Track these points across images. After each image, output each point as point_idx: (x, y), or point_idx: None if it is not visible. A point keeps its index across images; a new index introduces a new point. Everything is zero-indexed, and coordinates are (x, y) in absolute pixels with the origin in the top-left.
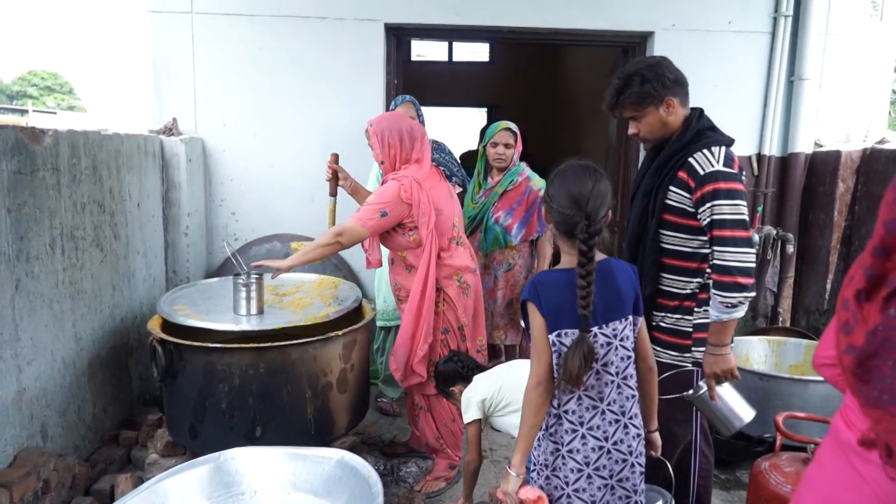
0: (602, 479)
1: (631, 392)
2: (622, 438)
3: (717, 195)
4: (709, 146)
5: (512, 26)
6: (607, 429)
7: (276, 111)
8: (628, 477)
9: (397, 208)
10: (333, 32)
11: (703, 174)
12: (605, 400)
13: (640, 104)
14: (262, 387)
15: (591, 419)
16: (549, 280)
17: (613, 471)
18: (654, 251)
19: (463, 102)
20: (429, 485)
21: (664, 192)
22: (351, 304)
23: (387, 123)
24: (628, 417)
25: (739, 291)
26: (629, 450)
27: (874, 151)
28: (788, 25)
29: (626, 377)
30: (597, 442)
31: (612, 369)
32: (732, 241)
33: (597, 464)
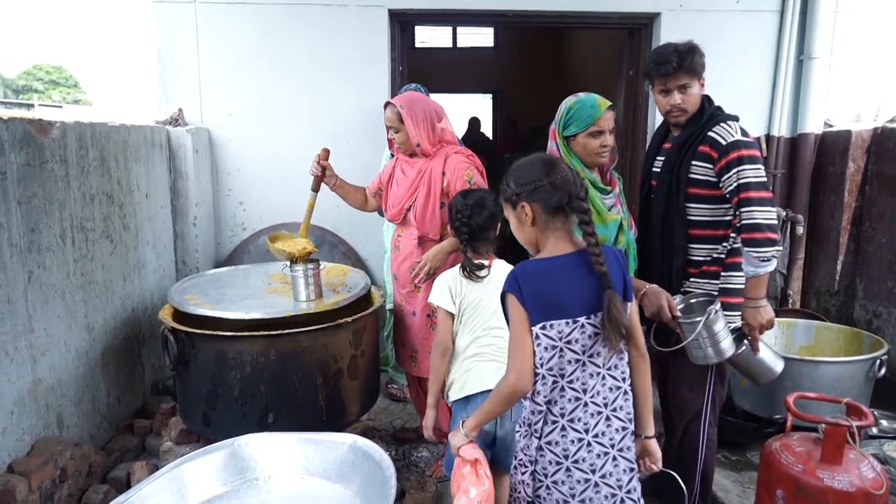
0: (582, 473)
1: (615, 384)
2: (604, 431)
3: (742, 161)
4: (724, 121)
5: (517, 9)
6: (588, 421)
7: (282, 100)
8: (611, 472)
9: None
10: (337, 19)
11: (726, 144)
12: (589, 392)
13: (694, 74)
14: (274, 374)
15: (572, 411)
16: (534, 269)
17: (595, 465)
18: (682, 224)
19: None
20: (440, 469)
21: (687, 168)
22: (360, 291)
23: (420, 105)
24: (611, 409)
25: (771, 245)
26: (611, 443)
27: (885, 130)
28: (798, 3)
29: (612, 367)
30: (576, 434)
31: (598, 360)
32: (759, 202)
33: (576, 456)
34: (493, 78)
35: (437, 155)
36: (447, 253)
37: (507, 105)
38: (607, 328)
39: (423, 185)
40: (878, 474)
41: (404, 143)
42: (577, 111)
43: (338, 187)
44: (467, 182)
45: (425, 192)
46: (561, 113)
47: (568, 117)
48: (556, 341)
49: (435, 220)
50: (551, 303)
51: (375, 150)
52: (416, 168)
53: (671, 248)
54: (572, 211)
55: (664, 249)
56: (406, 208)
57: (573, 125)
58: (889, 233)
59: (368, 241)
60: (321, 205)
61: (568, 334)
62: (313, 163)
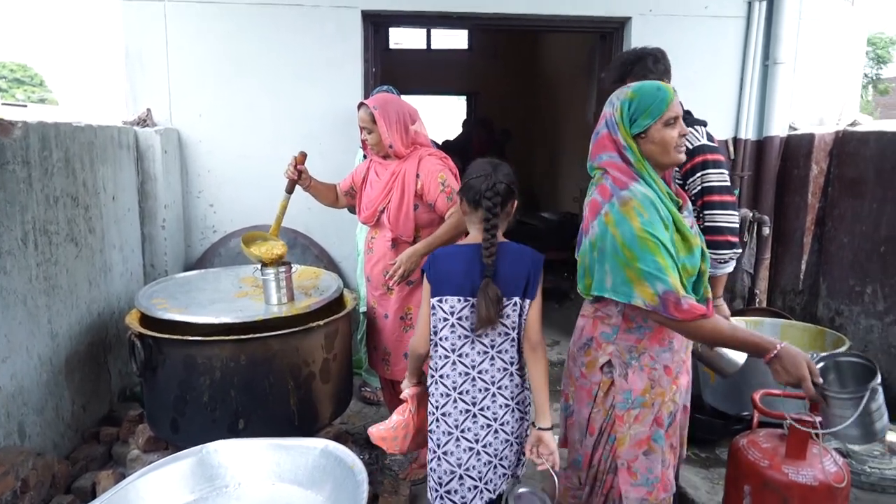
0: (468, 443)
1: (503, 366)
2: (489, 406)
3: (706, 165)
4: (692, 125)
5: (491, 12)
6: (476, 395)
7: (253, 101)
8: (491, 442)
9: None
10: (310, 20)
11: (692, 148)
12: (477, 368)
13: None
14: (244, 379)
15: (462, 384)
16: (445, 252)
17: (479, 435)
18: None
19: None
20: (414, 472)
21: None
22: (332, 294)
23: (393, 107)
24: (497, 387)
25: (730, 248)
26: (494, 416)
27: (846, 134)
28: (763, 10)
29: (501, 351)
30: (465, 405)
31: (486, 341)
32: (721, 205)
33: (463, 426)
34: (467, 80)
35: (410, 157)
36: (421, 255)
37: (481, 107)
38: (478, 310)
39: (397, 187)
40: (840, 468)
41: (377, 144)
42: (643, 99)
43: (311, 188)
44: (441, 184)
45: (399, 194)
46: (620, 111)
47: (633, 111)
48: (449, 315)
49: (409, 222)
50: (448, 281)
51: (348, 151)
52: (389, 170)
53: None
54: (483, 199)
55: None
56: (380, 210)
57: (643, 116)
58: (850, 233)
59: (342, 243)
60: (294, 207)
61: (459, 310)
62: (289, 166)
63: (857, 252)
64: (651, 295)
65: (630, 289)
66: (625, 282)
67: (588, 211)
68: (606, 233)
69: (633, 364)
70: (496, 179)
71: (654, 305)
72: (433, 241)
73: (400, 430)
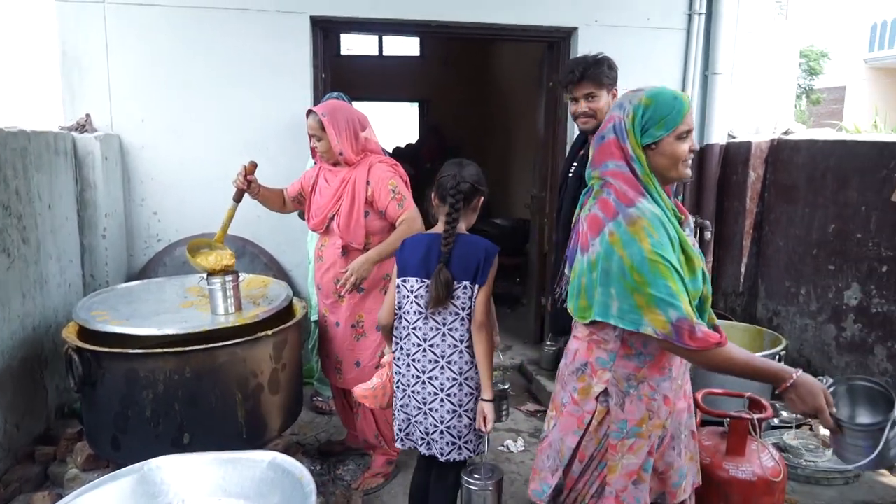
0: (416, 403)
1: (453, 343)
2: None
3: None
4: None
5: (440, 20)
6: (426, 365)
7: (199, 106)
8: (437, 409)
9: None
10: (257, 25)
11: None
12: (429, 342)
13: (602, 84)
14: (189, 392)
15: (414, 353)
16: (411, 240)
17: (426, 400)
18: None
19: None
20: (367, 482)
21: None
22: (281, 303)
23: (343, 114)
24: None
25: None
26: (441, 387)
27: (780, 142)
28: (702, 23)
29: (452, 329)
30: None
31: (438, 318)
32: None
33: (413, 388)
34: (419, 87)
35: (360, 164)
36: (373, 262)
37: (433, 114)
38: (431, 291)
39: (347, 194)
40: (777, 462)
41: (327, 151)
42: (658, 107)
43: (259, 196)
44: (391, 191)
45: (349, 201)
46: (631, 116)
47: (647, 119)
48: (409, 294)
49: (359, 229)
50: (411, 264)
51: (298, 158)
52: (339, 177)
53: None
54: (448, 195)
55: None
56: (329, 217)
57: (656, 127)
58: (785, 237)
59: (292, 251)
60: (242, 215)
61: (416, 290)
62: (239, 175)
63: (792, 255)
64: (663, 323)
65: (639, 316)
66: (633, 308)
67: (587, 226)
68: (613, 254)
69: (630, 393)
70: (461, 179)
71: (666, 334)
72: (385, 249)
73: (379, 390)
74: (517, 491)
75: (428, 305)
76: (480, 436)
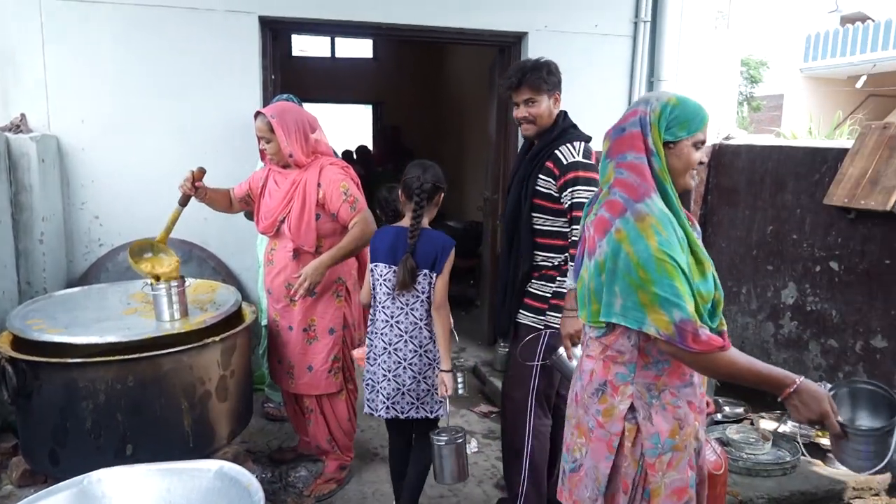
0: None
1: (415, 321)
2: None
3: (577, 182)
4: (571, 141)
5: (392, 23)
6: (392, 338)
7: (143, 107)
8: (400, 375)
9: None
10: (204, 24)
11: (566, 164)
12: (395, 318)
13: (540, 89)
14: (132, 401)
15: (383, 328)
16: (382, 231)
17: (391, 367)
18: (528, 232)
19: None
20: (319, 488)
21: (535, 180)
22: (230, 308)
23: (292, 115)
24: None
25: None
26: (404, 357)
27: (722, 147)
28: (648, 30)
29: (414, 308)
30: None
31: (403, 300)
32: None
33: (381, 358)
34: (372, 89)
35: (311, 166)
36: (327, 267)
37: (386, 117)
38: (397, 276)
39: (298, 197)
40: (719, 456)
41: (276, 154)
42: (685, 109)
43: (206, 199)
44: (343, 194)
45: (300, 204)
46: (658, 111)
47: (672, 117)
48: (379, 277)
49: (310, 233)
50: (381, 251)
51: (247, 160)
52: (289, 179)
53: (518, 254)
54: (413, 194)
55: (512, 254)
56: (280, 220)
57: (679, 127)
58: (727, 238)
59: (241, 254)
60: (189, 218)
61: (385, 274)
62: (186, 181)
63: (734, 255)
64: (666, 323)
65: (642, 314)
66: (636, 306)
67: (594, 229)
68: (620, 250)
69: (654, 403)
70: (424, 180)
71: (669, 335)
72: (338, 253)
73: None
74: (470, 493)
75: (394, 288)
76: (440, 401)
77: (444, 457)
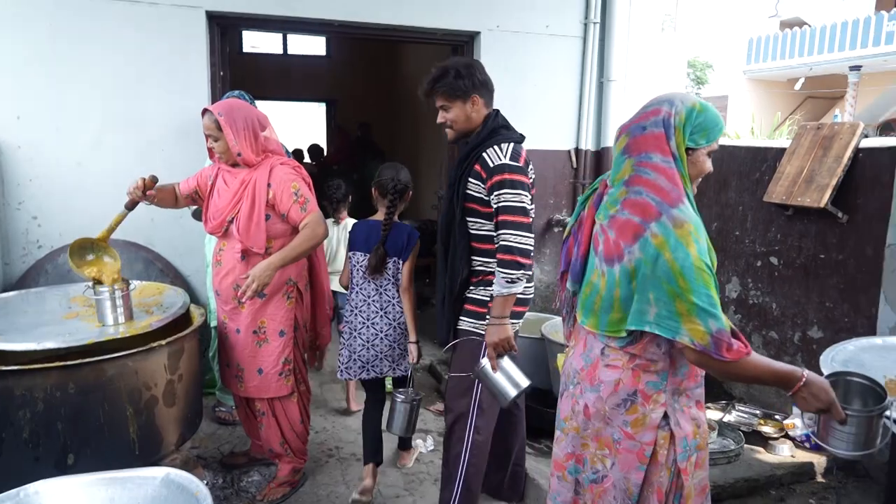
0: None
1: (388, 300)
2: (376, 322)
3: (503, 185)
4: (499, 143)
5: (343, 20)
6: (370, 314)
7: (84, 103)
8: (377, 344)
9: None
10: (148, 18)
11: (493, 166)
12: (371, 298)
13: (450, 95)
14: (74, 409)
15: (361, 305)
16: (359, 224)
17: (369, 338)
18: (463, 236)
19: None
20: (272, 492)
21: (465, 183)
22: (177, 311)
23: (241, 113)
24: (384, 312)
25: (517, 269)
26: (380, 328)
27: None
28: (597, 31)
29: (387, 289)
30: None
31: (376, 282)
32: (513, 225)
33: (360, 331)
34: (325, 87)
35: (261, 165)
36: (276, 268)
37: (341, 115)
38: (370, 262)
39: (248, 197)
40: None
41: (225, 152)
42: (708, 117)
43: (154, 202)
44: (294, 194)
45: (249, 204)
46: (683, 115)
47: (697, 123)
48: (356, 263)
49: (260, 233)
50: (358, 241)
51: (194, 159)
52: (238, 178)
53: (454, 258)
54: (388, 193)
55: (448, 259)
56: (228, 221)
57: (701, 134)
58: None
59: (190, 255)
60: (135, 219)
61: (361, 261)
62: (136, 188)
63: None
64: (702, 333)
65: (678, 324)
66: (673, 315)
67: (617, 233)
68: (658, 257)
69: (676, 407)
70: (398, 181)
71: (704, 345)
72: (287, 255)
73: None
74: (426, 491)
75: (368, 272)
76: (408, 368)
77: (398, 411)
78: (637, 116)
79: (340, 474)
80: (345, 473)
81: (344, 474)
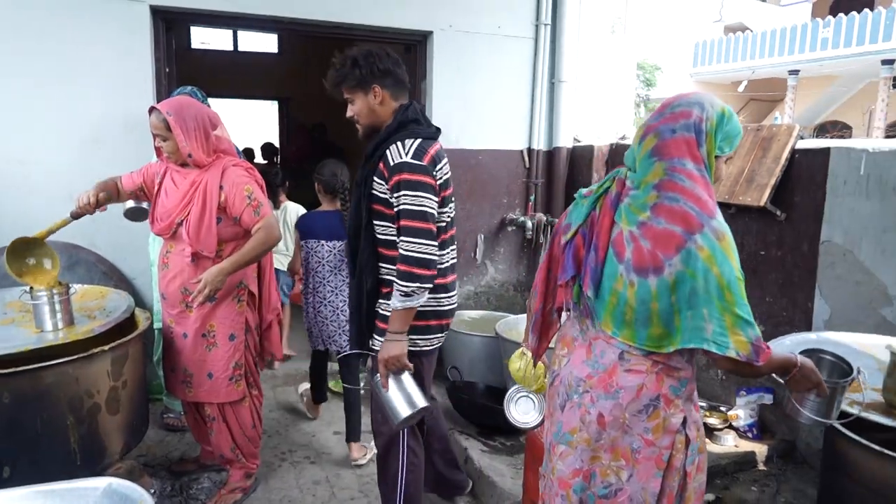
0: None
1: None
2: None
3: (401, 186)
4: (403, 138)
5: (294, 17)
6: (337, 304)
7: (22, 98)
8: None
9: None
10: (89, 11)
11: (392, 165)
12: (339, 289)
13: (351, 87)
14: (9, 419)
15: (328, 296)
16: (312, 214)
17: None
18: (370, 241)
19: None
20: (223, 499)
21: (370, 184)
22: (121, 315)
23: (191, 111)
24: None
25: (413, 281)
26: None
27: (618, 146)
28: (548, 33)
29: (340, 270)
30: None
31: (344, 273)
32: (409, 231)
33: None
34: (277, 84)
35: (213, 166)
36: (227, 273)
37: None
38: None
39: (198, 199)
40: None
41: (174, 152)
42: (733, 126)
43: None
44: (247, 197)
45: (200, 207)
46: (714, 122)
47: (726, 130)
48: (313, 252)
49: (210, 237)
50: (311, 230)
51: (139, 157)
52: (189, 179)
53: (362, 266)
54: (338, 193)
55: (355, 267)
56: (177, 223)
57: (726, 142)
58: None
59: (135, 257)
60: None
61: (317, 250)
62: (87, 204)
63: None
64: (745, 344)
65: (727, 338)
66: (724, 330)
67: (653, 243)
68: (708, 272)
69: (688, 411)
70: (343, 180)
71: (747, 355)
72: (239, 259)
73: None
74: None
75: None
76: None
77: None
78: (665, 117)
79: (294, 478)
80: (298, 477)
81: (298, 478)
